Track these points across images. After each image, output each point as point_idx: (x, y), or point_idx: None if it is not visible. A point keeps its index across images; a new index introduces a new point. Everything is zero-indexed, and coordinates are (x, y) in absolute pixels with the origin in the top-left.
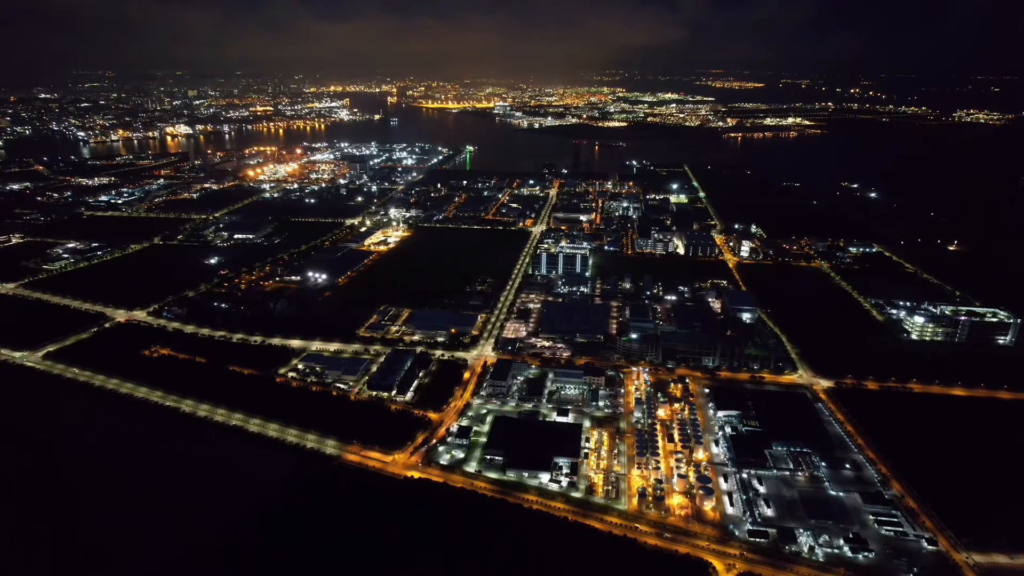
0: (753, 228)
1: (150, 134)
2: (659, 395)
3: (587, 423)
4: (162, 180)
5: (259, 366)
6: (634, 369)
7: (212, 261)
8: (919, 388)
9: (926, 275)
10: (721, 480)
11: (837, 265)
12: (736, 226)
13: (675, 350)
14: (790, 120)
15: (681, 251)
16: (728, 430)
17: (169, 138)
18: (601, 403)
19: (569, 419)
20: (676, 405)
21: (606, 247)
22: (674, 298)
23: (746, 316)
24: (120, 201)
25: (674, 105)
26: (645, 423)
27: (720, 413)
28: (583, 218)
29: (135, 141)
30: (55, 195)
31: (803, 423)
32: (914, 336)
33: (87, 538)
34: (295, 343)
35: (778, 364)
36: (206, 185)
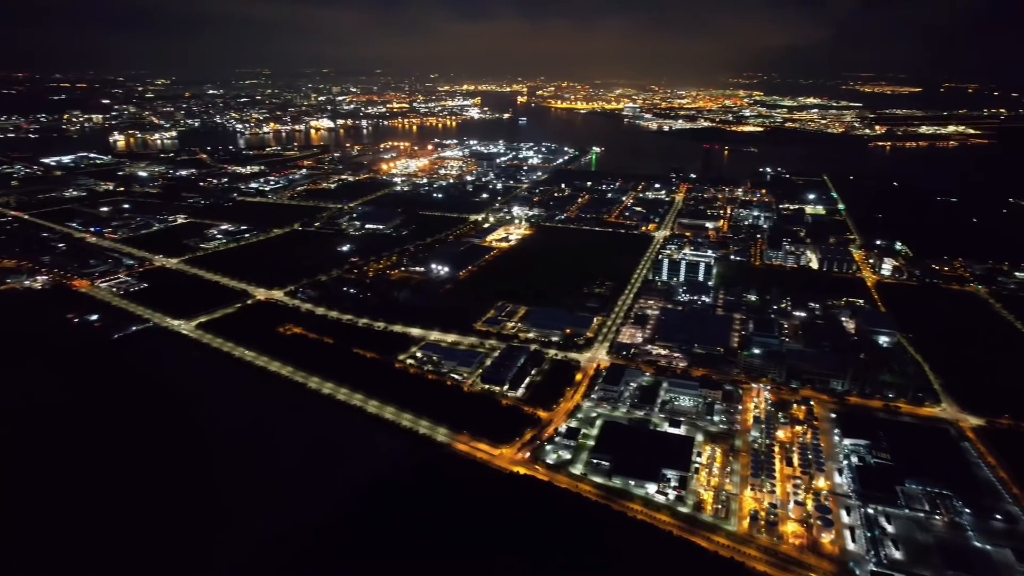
0: (898, 245)
1: (297, 127)
2: (780, 415)
3: (700, 437)
4: (304, 170)
5: (380, 351)
6: (754, 386)
7: (344, 248)
8: None
9: None
10: (843, 513)
11: (998, 291)
12: (878, 242)
13: (801, 369)
14: (950, 128)
15: (814, 265)
16: (854, 460)
17: (313, 131)
18: (716, 418)
19: (681, 431)
20: (798, 428)
21: (732, 256)
22: (803, 314)
23: (883, 339)
24: (267, 188)
25: (816, 110)
26: (762, 443)
27: (846, 441)
28: (709, 225)
29: (283, 133)
30: (214, 181)
31: (944, 462)
32: None
33: (219, 496)
34: (415, 331)
35: (917, 394)
36: (343, 176)
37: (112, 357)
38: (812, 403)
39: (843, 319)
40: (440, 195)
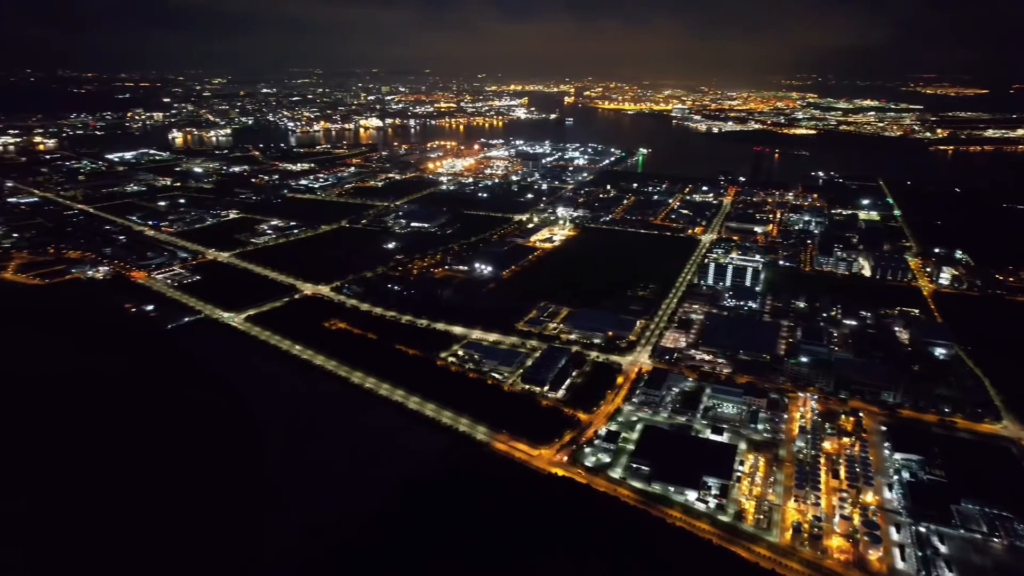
0: (958, 253)
1: (346, 126)
2: (827, 426)
3: (743, 445)
4: (353, 168)
5: (423, 348)
6: (801, 395)
7: (390, 246)
8: None
9: None
10: (892, 530)
11: None
12: (936, 249)
13: (850, 380)
14: (1020, 132)
15: (867, 272)
16: (906, 475)
17: (362, 130)
18: (760, 426)
19: (723, 438)
20: (845, 439)
21: (781, 262)
22: (854, 323)
23: (939, 351)
24: (316, 185)
25: (872, 113)
26: (808, 454)
27: (897, 455)
28: (758, 229)
29: (333, 132)
30: (265, 177)
31: (1004, 482)
32: None
33: (262, 485)
34: (457, 330)
35: (976, 409)
36: (390, 175)
37: (166, 345)
38: (861, 415)
39: (896, 329)
40: (485, 195)
